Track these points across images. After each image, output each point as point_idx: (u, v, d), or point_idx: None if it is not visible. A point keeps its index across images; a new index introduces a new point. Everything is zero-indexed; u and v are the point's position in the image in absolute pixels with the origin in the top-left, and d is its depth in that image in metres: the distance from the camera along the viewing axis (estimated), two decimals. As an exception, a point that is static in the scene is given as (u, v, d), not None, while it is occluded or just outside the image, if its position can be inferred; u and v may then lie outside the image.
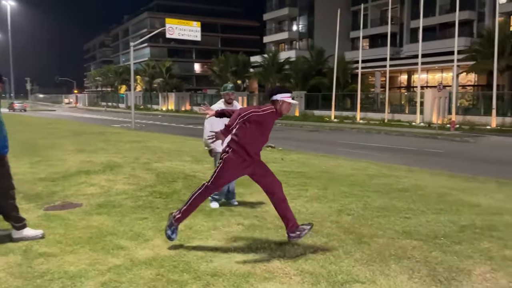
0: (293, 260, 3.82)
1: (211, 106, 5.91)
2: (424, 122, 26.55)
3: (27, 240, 4.29)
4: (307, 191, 6.74)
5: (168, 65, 54.68)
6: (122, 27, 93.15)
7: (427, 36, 32.53)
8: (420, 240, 4.38)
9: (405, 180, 8.05)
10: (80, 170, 8.16)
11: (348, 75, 35.32)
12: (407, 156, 13.51)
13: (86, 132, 17.84)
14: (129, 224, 4.87)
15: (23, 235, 4.33)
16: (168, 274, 3.50)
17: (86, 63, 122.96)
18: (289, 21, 52.60)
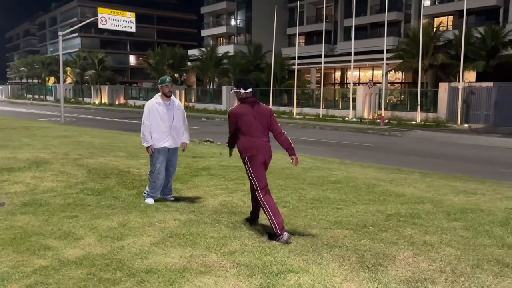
0: (230, 253, 3.85)
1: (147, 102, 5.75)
2: (356, 117, 27.76)
3: None
4: (244, 184, 6.79)
5: (100, 57, 52.28)
6: (50, 15, 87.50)
7: (359, 35, 34.05)
8: (350, 229, 4.60)
9: (337, 173, 8.40)
10: (1, 167, 7.59)
11: (285, 71, 35.97)
12: (340, 150, 14.08)
13: (9, 127, 16.62)
14: (58, 223, 4.63)
15: None
16: (100, 272, 3.38)
17: (8, 53, 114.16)
18: (227, 15, 52.45)
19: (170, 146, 5.69)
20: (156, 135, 5.57)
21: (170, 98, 5.66)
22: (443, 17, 34.84)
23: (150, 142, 5.56)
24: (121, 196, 5.91)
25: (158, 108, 5.57)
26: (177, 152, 5.88)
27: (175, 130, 5.67)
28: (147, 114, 5.57)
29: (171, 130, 5.62)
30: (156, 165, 5.63)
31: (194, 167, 8.39)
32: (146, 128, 5.56)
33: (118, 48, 75.82)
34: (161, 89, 5.61)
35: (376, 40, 35.16)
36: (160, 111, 5.56)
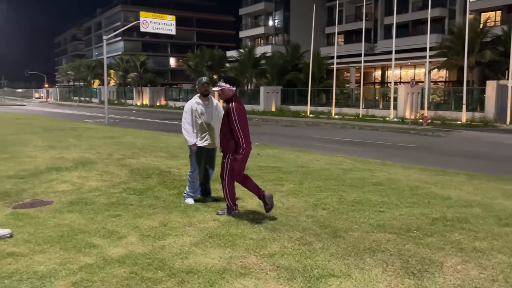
0: (269, 255, 3.81)
1: (187, 102, 5.84)
2: (398, 117, 27.03)
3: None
4: (283, 186, 6.75)
5: (142, 59, 53.75)
6: (95, 20, 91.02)
7: (400, 33, 33.10)
8: (393, 233, 4.45)
9: (379, 174, 8.17)
10: (50, 167, 7.93)
11: (324, 70, 35.55)
12: (381, 151, 13.73)
13: (57, 128, 17.37)
14: (102, 222, 4.76)
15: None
16: (142, 271, 3.44)
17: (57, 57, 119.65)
18: (265, 16, 52.54)
19: (209, 146, 5.73)
20: (194, 134, 5.64)
21: (208, 98, 5.71)
22: (491, 12, 33.33)
23: (194, 140, 5.62)
24: (162, 196, 6.01)
25: (196, 108, 5.64)
26: (215, 153, 5.92)
27: (213, 130, 5.70)
28: (186, 114, 5.65)
29: (209, 130, 5.66)
30: (195, 165, 5.70)
31: (233, 168, 8.41)
32: (188, 128, 5.63)
33: (159, 51, 77.76)
34: (198, 89, 5.70)
35: (419, 38, 34.10)
36: (199, 111, 5.63)
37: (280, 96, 37.17)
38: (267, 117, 30.33)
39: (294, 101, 35.97)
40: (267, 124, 25.96)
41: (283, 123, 26.59)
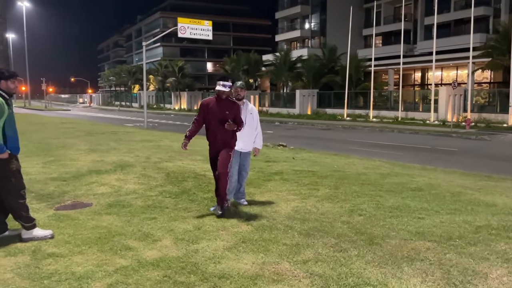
0: (303, 262, 3.74)
1: None
2: (439, 120, 26.15)
3: (37, 240, 4.30)
4: (318, 190, 6.65)
5: (180, 65, 54.87)
6: (135, 27, 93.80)
7: (441, 33, 32.06)
8: (434, 242, 4.26)
9: (418, 179, 7.90)
10: (91, 169, 8.19)
11: (361, 73, 34.98)
12: (421, 155, 13.30)
13: (99, 132, 17.97)
14: (138, 224, 4.85)
15: (32, 235, 4.34)
16: (175, 275, 3.46)
17: (100, 63, 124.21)
18: (301, 19, 52.31)
19: (241, 150, 5.72)
20: None
21: (242, 102, 5.70)
22: (539, 9, 31.67)
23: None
24: (197, 199, 6.06)
25: None
26: (249, 156, 5.90)
27: (246, 134, 5.68)
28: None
29: (242, 134, 5.65)
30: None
31: (267, 172, 8.39)
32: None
33: (196, 56, 79.11)
34: (233, 93, 5.70)
35: (461, 38, 32.86)
36: None
37: (316, 99, 36.87)
38: (303, 121, 30.13)
39: (331, 104, 35.57)
40: (303, 128, 25.78)
41: (319, 127, 26.33)
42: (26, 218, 4.36)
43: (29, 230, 4.36)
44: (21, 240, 4.29)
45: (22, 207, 4.38)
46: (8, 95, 4.35)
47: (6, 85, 4.33)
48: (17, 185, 4.36)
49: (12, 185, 4.32)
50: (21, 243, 4.23)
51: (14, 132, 4.37)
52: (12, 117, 4.39)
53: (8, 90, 4.34)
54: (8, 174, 4.29)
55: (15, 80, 4.40)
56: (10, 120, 4.32)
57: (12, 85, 4.36)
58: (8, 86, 4.33)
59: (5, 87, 4.32)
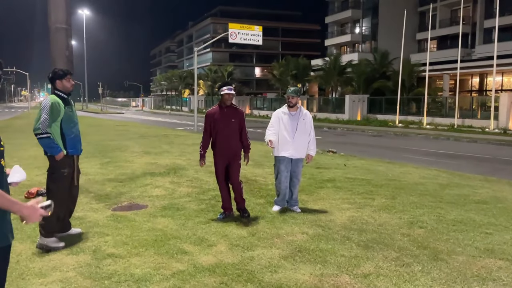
0: (363, 275, 3.57)
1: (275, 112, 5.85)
2: (499, 128, 24.66)
3: (46, 248, 4.13)
4: (373, 200, 6.41)
5: (229, 70, 55.59)
6: (187, 33, 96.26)
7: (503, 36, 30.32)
8: (506, 260, 3.95)
9: (481, 191, 7.42)
10: (145, 172, 8.39)
11: (414, 78, 33.77)
12: (481, 165, 12.54)
13: (152, 135, 18.49)
14: (193, 228, 4.86)
15: (45, 243, 4.16)
16: (232, 283, 3.41)
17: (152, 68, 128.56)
18: (352, 23, 51.43)
19: (292, 157, 5.64)
20: (278, 144, 5.59)
21: (295, 108, 5.64)
22: None
23: (270, 137, 5.62)
24: (249, 204, 6.01)
25: (282, 117, 5.69)
26: (301, 163, 5.79)
27: (298, 140, 5.62)
28: (273, 121, 5.73)
29: (293, 140, 5.57)
30: (276, 173, 5.68)
31: (319, 179, 8.22)
32: (269, 132, 5.70)
33: (244, 61, 79.88)
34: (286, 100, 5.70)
35: (525, 41, 30.97)
36: (284, 120, 5.65)
37: (366, 105, 35.98)
38: (352, 126, 29.47)
39: (382, 110, 34.58)
40: (353, 134, 25.22)
41: (370, 133, 25.64)
42: (48, 227, 4.14)
43: (46, 237, 4.17)
44: (37, 246, 4.16)
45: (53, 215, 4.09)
46: (66, 94, 4.37)
47: (62, 84, 4.35)
48: (59, 191, 4.23)
49: (55, 187, 4.25)
50: (82, 243, 4.35)
51: (74, 132, 4.37)
52: (72, 117, 4.38)
53: (64, 89, 4.36)
54: (56, 177, 4.24)
55: (70, 78, 4.40)
56: (68, 119, 4.31)
57: (68, 83, 4.37)
58: (64, 85, 4.36)
59: (61, 86, 4.35)
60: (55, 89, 4.37)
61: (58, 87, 4.35)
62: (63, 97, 4.34)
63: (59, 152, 4.21)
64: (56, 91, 4.36)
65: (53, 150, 4.20)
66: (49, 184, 4.30)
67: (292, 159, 5.68)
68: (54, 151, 4.20)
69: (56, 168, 4.25)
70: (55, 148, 4.20)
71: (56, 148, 4.20)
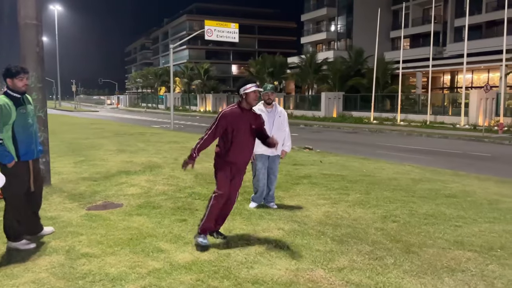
0: (338, 269, 3.64)
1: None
2: (469, 124, 25.41)
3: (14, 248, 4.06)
4: (348, 195, 6.52)
5: (206, 67, 55.28)
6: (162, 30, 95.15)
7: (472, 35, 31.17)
8: (474, 252, 4.09)
9: (452, 186, 7.65)
10: (121, 170, 8.28)
11: (388, 75, 34.38)
12: (452, 160, 12.91)
13: (127, 133, 18.24)
14: (169, 226, 4.84)
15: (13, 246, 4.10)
16: (208, 280, 3.42)
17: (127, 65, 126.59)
18: (328, 21, 51.92)
19: (270, 154, 5.65)
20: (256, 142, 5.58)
21: (271, 106, 5.66)
22: None
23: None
24: (226, 202, 6.02)
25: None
26: (277, 160, 5.83)
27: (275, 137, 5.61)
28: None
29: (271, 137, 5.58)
30: (255, 171, 5.68)
31: (295, 175, 8.29)
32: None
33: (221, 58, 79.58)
34: (262, 97, 5.64)
35: (493, 40, 31.89)
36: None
37: (342, 102, 36.44)
38: (328, 123, 29.81)
39: (357, 107, 35.09)
40: (329, 131, 25.51)
41: (345, 130, 25.99)
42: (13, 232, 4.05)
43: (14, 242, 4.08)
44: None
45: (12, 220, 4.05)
46: (20, 94, 4.01)
47: (13, 83, 3.98)
48: (14, 198, 4.02)
49: (9, 194, 4.03)
50: (55, 242, 4.27)
51: (27, 135, 4.01)
52: (26, 118, 4.03)
53: (16, 88, 3.98)
54: (8, 185, 3.91)
55: (23, 77, 4.01)
56: (22, 121, 3.97)
57: (20, 82, 3.99)
58: (15, 84, 3.98)
59: (12, 85, 3.98)
60: (7, 87, 4.01)
61: (9, 85, 4.00)
62: (14, 97, 3.98)
63: (11, 160, 3.91)
64: (8, 90, 4.00)
65: (4, 158, 3.89)
66: (2, 191, 4.07)
67: (269, 156, 5.71)
68: (4, 160, 3.89)
69: (8, 176, 3.88)
70: (6, 157, 3.88)
71: (7, 157, 3.89)
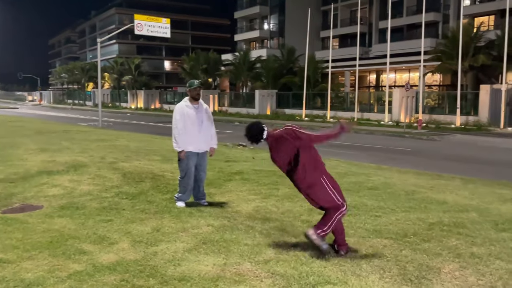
0: (264, 262, 3.73)
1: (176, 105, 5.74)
2: (392, 121, 27.07)
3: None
4: (278, 190, 6.67)
5: (137, 63, 53.55)
6: (89, 23, 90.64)
7: (395, 37, 33.25)
8: (390, 239, 4.38)
9: (374, 178, 8.12)
10: (42, 170, 7.80)
11: (319, 74, 35.61)
12: (376, 154, 13.70)
13: (50, 131, 17.19)
14: (93, 227, 4.66)
15: None
16: (133, 279, 3.34)
17: (51, 60, 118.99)
18: (260, 19, 52.59)
19: (199, 151, 5.61)
20: (184, 139, 5.52)
21: (198, 102, 5.61)
22: (484, 17, 33.54)
23: (183, 147, 5.51)
24: (155, 200, 5.91)
25: (188, 112, 5.52)
26: (206, 156, 5.79)
27: (203, 134, 5.59)
28: (178, 118, 5.52)
29: (200, 134, 5.55)
30: (185, 170, 5.60)
31: (228, 172, 8.33)
32: (180, 132, 5.50)
33: (153, 54, 77.56)
34: (189, 93, 5.57)
35: (413, 42, 34.27)
36: (190, 114, 5.51)
37: (275, 100, 37.15)
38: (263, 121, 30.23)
39: (289, 105, 35.96)
40: (262, 128, 25.90)
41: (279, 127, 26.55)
42: None
43: None
44: None
45: None
46: None
47: None
48: None
49: None
50: (-36, 249, 3.94)
51: None
52: None
53: None
54: None
55: None
56: None
57: None
58: None
59: None
60: None
61: None
62: None
63: None
64: None
65: None
66: None
67: (198, 153, 5.66)
68: None
69: None
70: None
71: None
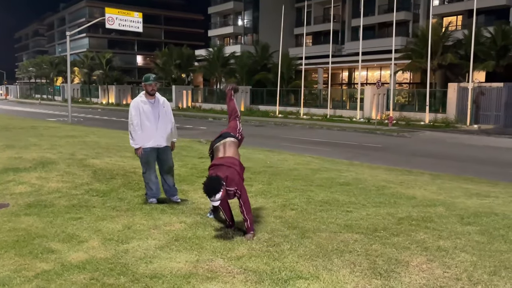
0: (237, 258, 3.74)
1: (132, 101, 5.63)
2: (364, 117, 27.54)
3: None
4: (252, 186, 6.68)
5: (108, 57, 52.38)
6: (58, 16, 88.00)
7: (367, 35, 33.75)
8: (361, 233, 4.46)
9: (346, 174, 8.25)
10: (7, 167, 7.54)
11: (292, 71, 35.80)
12: (348, 151, 13.91)
13: (17, 127, 16.64)
14: (62, 225, 4.55)
15: None
16: (103, 278, 3.29)
17: (17, 53, 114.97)
18: (234, 15, 52.36)
19: (158, 146, 5.52)
20: (141, 135, 5.41)
21: (154, 96, 5.53)
22: (452, 16, 34.49)
23: (140, 144, 5.42)
24: (127, 197, 5.83)
25: (143, 107, 5.42)
26: (169, 150, 5.67)
27: (161, 128, 5.50)
28: (134, 114, 5.40)
29: (158, 129, 5.48)
30: (145, 166, 5.52)
31: (201, 168, 8.28)
32: (135, 128, 5.38)
33: (125, 48, 76.09)
34: (145, 88, 5.48)
35: (384, 40, 34.88)
36: (146, 110, 5.41)
37: (249, 96, 37.15)
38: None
39: (263, 101, 36.04)
40: (236, 124, 25.85)
41: (252, 123, 26.57)
42: None
43: None
44: None
45: None
46: None
47: None
48: None
49: None
50: None
51: None
52: None
53: None
54: None
55: None
56: None
57: None
58: None
59: None
60: None
61: None
62: None
63: None
64: None
65: None
66: None
67: (158, 148, 5.57)
68: None
69: None
70: None
71: None
